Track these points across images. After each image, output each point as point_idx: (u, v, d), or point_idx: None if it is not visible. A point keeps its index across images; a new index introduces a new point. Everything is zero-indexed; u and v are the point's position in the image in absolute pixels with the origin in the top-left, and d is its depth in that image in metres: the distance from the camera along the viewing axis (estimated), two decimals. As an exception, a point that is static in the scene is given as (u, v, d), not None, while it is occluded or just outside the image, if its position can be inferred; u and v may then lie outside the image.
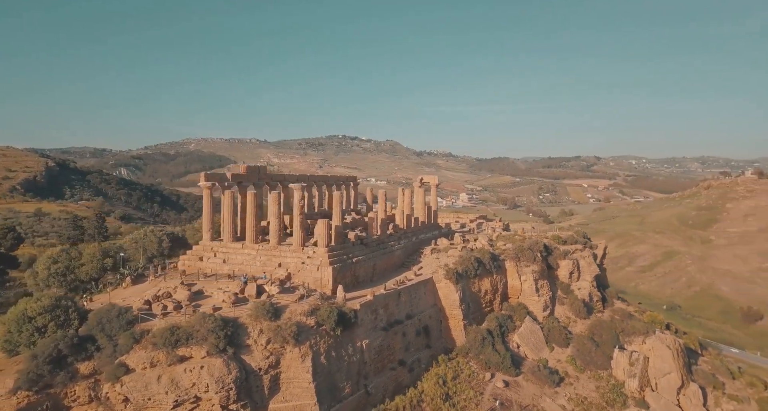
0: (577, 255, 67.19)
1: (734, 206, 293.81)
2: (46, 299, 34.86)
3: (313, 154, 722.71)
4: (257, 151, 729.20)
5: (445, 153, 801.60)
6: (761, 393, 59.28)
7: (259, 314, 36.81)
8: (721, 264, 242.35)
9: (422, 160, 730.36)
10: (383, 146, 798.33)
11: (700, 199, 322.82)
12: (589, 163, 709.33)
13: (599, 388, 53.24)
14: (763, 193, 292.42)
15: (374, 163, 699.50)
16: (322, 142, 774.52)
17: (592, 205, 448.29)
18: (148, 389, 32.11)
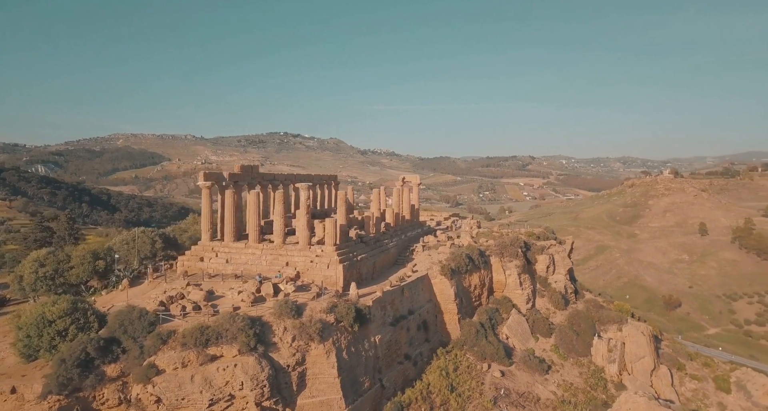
0: (552, 250, 71.75)
1: (655, 203, 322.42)
2: (64, 302, 34.11)
3: (253, 152, 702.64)
4: (193, 148, 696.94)
5: (388, 152, 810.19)
6: (716, 372, 66.78)
7: (282, 312, 37.35)
8: (644, 256, 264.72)
9: (367, 158, 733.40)
10: (327, 144, 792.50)
11: (625, 196, 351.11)
12: (524, 162, 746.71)
13: (582, 373, 57.44)
14: (679, 190, 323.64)
15: (318, 162, 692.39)
16: (263, 140, 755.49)
17: (528, 203, 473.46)
18: (181, 389, 32.03)
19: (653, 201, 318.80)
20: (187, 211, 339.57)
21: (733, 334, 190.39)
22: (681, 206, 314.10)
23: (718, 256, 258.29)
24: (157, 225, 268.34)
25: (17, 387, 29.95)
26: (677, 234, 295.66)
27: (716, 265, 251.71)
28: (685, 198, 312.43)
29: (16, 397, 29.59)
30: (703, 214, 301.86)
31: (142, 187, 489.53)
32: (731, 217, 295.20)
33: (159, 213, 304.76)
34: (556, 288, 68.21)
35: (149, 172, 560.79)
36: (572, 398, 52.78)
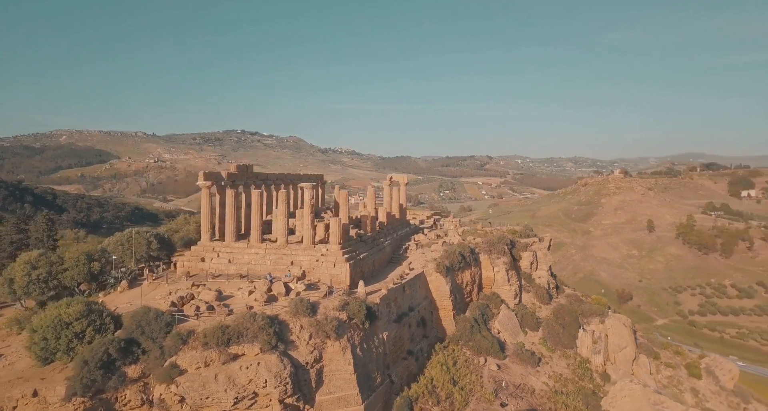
0: (535, 247, 74.67)
1: (607, 201, 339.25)
2: (79, 304, 34.00)
3: (210, 150, 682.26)
4: (144, 145, 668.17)
5: (349, 151, 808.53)
6: (686, 360, 71.85)
7: (298, 311, 37.94)
8: (598, 252, 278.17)
9: (327, 157, 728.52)
10: (286, 142, 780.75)
11: (579, 195, 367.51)
12: (482, 162, 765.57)
13: (569, 365, 60.25)
14: (628, 189, 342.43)
15: (277, 160, 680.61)
16: (219, 137, 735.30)
17: (487, 202, 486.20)
18: (205, 388, 32.20)
19: (605, 199, 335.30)
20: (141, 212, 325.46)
21: (678, 324, 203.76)
22: (630, 204, 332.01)
23: (664, 251, 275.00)
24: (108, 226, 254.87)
25: (38, 390, 29.53)
26: (628, 230, 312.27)
27: (663, 260, 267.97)
28: (634, 196, 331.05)
29: (38, 400, 29.24)
30: (650, 211, 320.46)
31: (89, 186, 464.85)
32: (675, 214, 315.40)
33: (111, 213, 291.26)
34: (540, 283, 71.17)
35: (96, 170, 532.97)
36: (563, 388, 55.36)
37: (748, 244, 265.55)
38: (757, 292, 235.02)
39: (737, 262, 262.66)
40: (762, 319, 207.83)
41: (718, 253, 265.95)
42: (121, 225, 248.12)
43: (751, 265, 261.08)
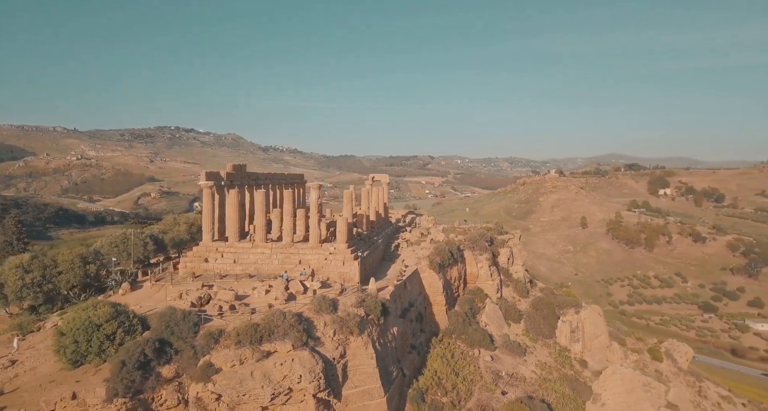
0: (510, 243, 78.57)
1: (544, 200, 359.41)
2: (106, 306, 33.80)
3: (140, 147, 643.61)
4: (65, 141, 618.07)
5: (291, 149, 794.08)
6: (648, 345, 78.75)
7: (321, 308, 38.97)
8: (538, 248, 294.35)
9: (269, 155, 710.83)
10: (225, 140, 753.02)
11: (519, 194, 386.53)
12: (424, 162, 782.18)
13: (551, 353, 64.18)
14: (563, 188, 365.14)
15: (215, 158, 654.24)
16: (151, 134, 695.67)
17: (430, 200, 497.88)
18: (242, 385, 32.61)
19: (543, 198, 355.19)
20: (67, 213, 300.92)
21: (610, 313, 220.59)
22: (565, 202, 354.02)
23: (596, 246, 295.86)
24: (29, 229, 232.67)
25: (77, 392, 29.31)
26: (563, 227, 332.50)
27: (595, 254, 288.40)
28: (569, 195, 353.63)
29: (77, 402, 29.13)
30: (583, 209, 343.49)
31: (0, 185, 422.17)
32: (604, 211, 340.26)
33: (31, 215, 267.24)
34: (518, 278, 75.05)
35: (9, 168, 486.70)
36: (549, 376, 59.03)
37: (667, 239, 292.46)
38: (675, 282, 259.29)
39: (658, 255, 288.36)
40: (680, 306, 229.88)
41: (643, 247, 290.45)
42: (44, 227, 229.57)
43: (670, 257, 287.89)
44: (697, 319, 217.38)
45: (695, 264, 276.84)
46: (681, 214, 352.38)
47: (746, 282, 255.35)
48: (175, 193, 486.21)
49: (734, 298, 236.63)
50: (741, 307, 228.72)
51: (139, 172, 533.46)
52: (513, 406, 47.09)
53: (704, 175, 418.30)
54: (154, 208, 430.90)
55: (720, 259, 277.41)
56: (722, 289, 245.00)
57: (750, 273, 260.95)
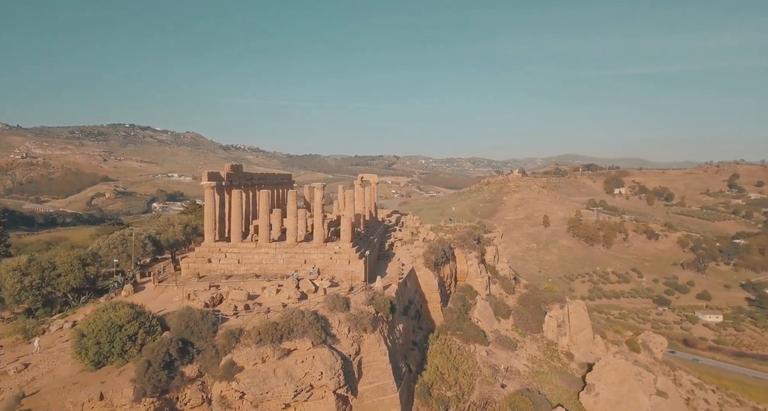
0: (496, 241, 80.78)
1: (508, 199, 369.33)
2: (125, 307, 33.63)
3: (92, 145, 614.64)
4: (8, 139, 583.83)
5: (253, 148, 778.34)
6: (626, 337, 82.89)
7: (335, 306, 39.63)
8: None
9: (230, 154, 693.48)
10: (183, 139, 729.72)
11: (483, 193, 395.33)
12: (390, 162, 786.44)
13: (540, 347, 66.54)
14: (526, 188, 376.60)
15: (174, 157, 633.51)
16: (104, 131, 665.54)
17: (397, 200, 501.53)
18: (266, 383, 32.97)
19: (507, 197, 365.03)
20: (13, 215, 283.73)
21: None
22: (528, 201, 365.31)
23: (558, 244, 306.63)
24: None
25: (104, 393, 29.33)
26: (527, 226, 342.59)
27: (557, 252, 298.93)
28: (531, 194, 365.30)
29: (104, 403, 29.16)
30: (545, 208, 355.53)
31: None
32: (565, 210, 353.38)
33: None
34: (504, 275, 77.27)
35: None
36: (540, 369, 61.31)
37: (623, 236, 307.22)
38: (632, 277, 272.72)
39: (616, 251, 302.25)
40: (637, 300, 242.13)
41: (601, 244, 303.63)
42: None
43: (627, 254, 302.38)
44: (652, 312, 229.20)
45: (649, 260, 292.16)
46: (635, 213, 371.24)
47: (695, 276, 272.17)
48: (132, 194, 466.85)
49: (685, 291, 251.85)
50: (691, 300, 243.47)
51: (92, 171, 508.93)
52: (515, 398, 48.72)
53: (655, 175, 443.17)
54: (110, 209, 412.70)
55: (671, 254, 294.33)
56: (674, 284, 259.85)
57: (698, 268, 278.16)
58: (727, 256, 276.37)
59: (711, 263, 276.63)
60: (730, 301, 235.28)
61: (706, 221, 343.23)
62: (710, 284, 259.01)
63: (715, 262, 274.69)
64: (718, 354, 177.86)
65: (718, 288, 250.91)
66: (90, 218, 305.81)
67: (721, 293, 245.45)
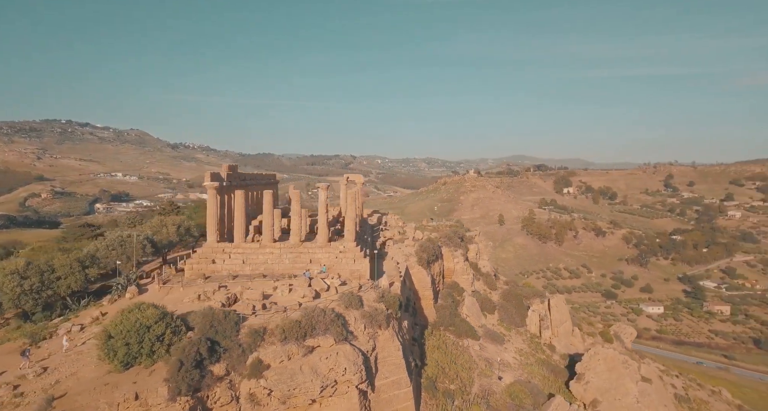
0: (477, 240, 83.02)
1: (465, 198, 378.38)
2: (150, 308, 33.60)
3: (23, 142, 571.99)
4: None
5: (203, 146, 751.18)
6: (599, 329, 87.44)
7: (351, 304, 40.78)
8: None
9: (179, 153, 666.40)
10: (127, 136, 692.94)
11: (441, 193, 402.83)
12: (346, 161, 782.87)
13: (525, 340, 69.25)
14: (482, 187, 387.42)
15: (117, 156, 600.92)
16: (37, 128, 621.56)
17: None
18: (293, 379, 33.77)
19: (463, 197, 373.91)
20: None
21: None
22: (484, 201, 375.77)
23: (513, 242, 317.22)
24: None
25: (139, 393, 29.36)
26: (483, 224, 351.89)
27: (513, 249, 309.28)
28: (487, 194, 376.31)
29: (139, 403, 29.25)
30: (500, 207, 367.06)
31: None
32: (519, 209, 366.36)
33: None
34: (486, 272, 79.66)
35: None
36: (527, 361, 63.93)
37: (574, 233, 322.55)
38: (582, 273, 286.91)
39: (567, 248, 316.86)
40: (587, 294, 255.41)
41: (554, 242, 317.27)
42: None
43: (577, 250, 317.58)
44: (601, 305, 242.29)
45: (597, 256, 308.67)
46: (583, 211, 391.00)
47: (638, 270, 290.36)
48: (71, 194, 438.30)
49: (630, 285, 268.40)
50: (635, 293, 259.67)
51: (24, 170, 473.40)
52: (513, 388, 50.69)
53: (599, 175, 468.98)
54: (47, 211, 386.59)
55: (617, 250, 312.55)
56: (620, 278, 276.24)
57: (641, 262, 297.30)
58: (666, 252, 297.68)
59: (652, 258, 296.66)
60: (670, 293, 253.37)
61: (646, 219, 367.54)
62: (652, 278, 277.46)
63: (656, 257, 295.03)
64: (660, 343, 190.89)
65: (658, 281, 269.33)
66: (26, 220, 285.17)
67: (662, 286, 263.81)
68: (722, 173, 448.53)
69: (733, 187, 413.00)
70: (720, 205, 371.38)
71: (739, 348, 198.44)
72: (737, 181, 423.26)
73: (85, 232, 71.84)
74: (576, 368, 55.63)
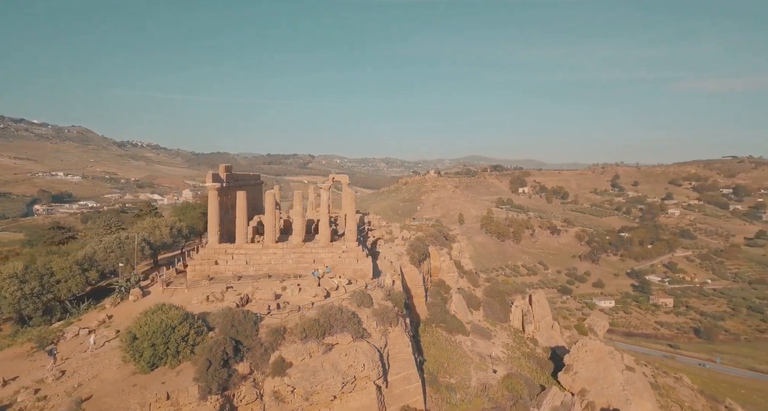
0: (458, 239, 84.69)
1: (426, 198, 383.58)
2: (173, 309, 33.85)
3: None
4: None
5: (153, 145, 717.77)
6: (574, 323, 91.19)
7: (363, 302, 42.03)
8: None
9: (126, 151, 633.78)
10: (69, 133, 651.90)
11: (402, 193, 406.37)
12: (305, 160, 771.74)
13: (509, 335, 71.52)
14: (442, 187, 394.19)
15: (58, 154, 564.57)
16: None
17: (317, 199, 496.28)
18: (316, 376, 34.75)
19: (425, 196, 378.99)
20: None
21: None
22: (444, 200, 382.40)
23: (473, 240, 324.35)
24: None
25: (170, 393, 29.56)
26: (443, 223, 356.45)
27: (472, 248, 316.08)
28: (447, 194, 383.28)
29: (170, 402, 29.49)
30: (459, 206, 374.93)
31: None
32: (477, 208, 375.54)
33: None
34: (468, 269, 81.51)
35: None
36: (514, 354, 66.17)
37: (530, 232, 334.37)
38: (539, 270, 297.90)
39: (524, 246, 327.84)
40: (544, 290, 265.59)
41: (512, 240, 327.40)
42: None
43: (534, 248, 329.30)
44: (558, 300, 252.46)
45: (553, 253, 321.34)
46: (537, 210, 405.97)
47: (591, 267, 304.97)
48: (6, 195, 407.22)
49: (583, 281, 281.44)
50: (588, 289, 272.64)
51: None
52: (509, 380, 52.49)
53: (552, 176, 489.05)
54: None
55: (571, 248, 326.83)
56: (574, 274, 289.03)
57: (593, 259, 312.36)
58: (615, 248, 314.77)
59: (602, 254, 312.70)
60: (619, 287, 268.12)
61: (596, 217, 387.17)
62: (603, 273, 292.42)
63: (606, 254, 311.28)
64: (613, 335, 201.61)
65: (609, 276, 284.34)
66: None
67: (612, 281, 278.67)
68: (662, 174, 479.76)
69: (672, 186, 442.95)
70: (661, 204, 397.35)
71: (682, 337, 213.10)
72: (675, 181, 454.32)
73: (55, 235, 67.36)
74: (564, 360, 58.22)
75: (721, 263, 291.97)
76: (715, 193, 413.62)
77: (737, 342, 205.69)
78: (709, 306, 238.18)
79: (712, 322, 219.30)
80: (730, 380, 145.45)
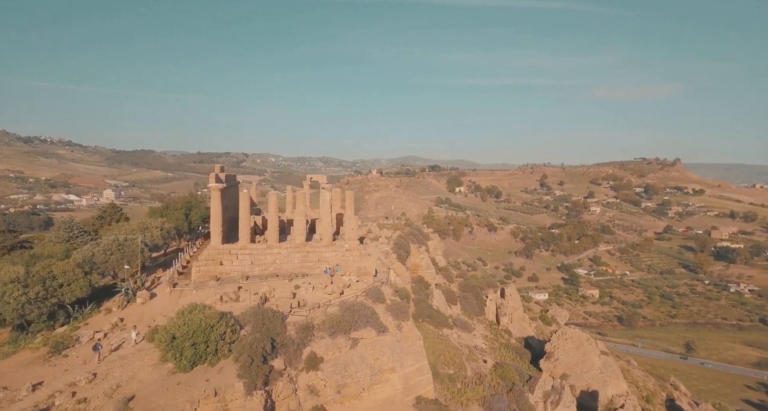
0: (432, 236, 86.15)
1: (369, 197, 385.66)
2: (208, 308, 34.41)
3: None
4: None
5: (65, 141, 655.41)
6: (539, 314, 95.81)
7: (377, 298, 43.66)
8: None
9: (34, 148, 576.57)
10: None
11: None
12: (239, 159, 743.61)
13: (486, 327, 74.49)
14: (384, 187, 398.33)
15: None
16: None
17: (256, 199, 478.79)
18: (347, 370, 36.34)
19: (368, 196, 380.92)
20: None
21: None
22: (387, 199, 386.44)
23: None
24: None
25: (217, 390, 30.14)
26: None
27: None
28: (389, 193, 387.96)
29: (218, 399, 30.17)
30: (401, 205, 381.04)
31: None
32: (418, 207, 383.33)
33: None
34: (443, 266, 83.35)
35: None
36: (493, 345, 68.91)
37: (469, 229, 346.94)
38: (479, 266, 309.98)
39: (464, 243, 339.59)
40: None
41: (452, 237, 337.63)
42: None
43: (473, 245, 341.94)
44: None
45: (491, 249, 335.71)
46: (474, 208, 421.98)
47: (525, 262, 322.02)
48: None
49: (519, 275, 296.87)
50: (524, 282, 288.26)
51: None
52: (501, 369, 55.04)
53: (486, 175, 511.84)
54: None
55: (507, 244, 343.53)
56: (511, 269, 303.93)
57: (527, 254, 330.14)
58: (546, 244, 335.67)
59: (536, 250, 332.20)
60: (552, 280, 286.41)
61: (527, 215, 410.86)
62: (536, 268, 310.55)
63: (539, 249, 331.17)
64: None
65: (542, 271, 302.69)
66: None
67: (545, 275, 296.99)
68: (584, 174, 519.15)
69: (593, 186, 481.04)
70: (584, 202, 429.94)
71: (607, 325, 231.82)
72: (596, 181, 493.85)
73: (6, 239, 59.66)
74: (546, 348, 61.68)
75: (637, 256, 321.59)
76: (629, 191, 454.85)
77: (653, 327, 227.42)
78: (629, 295, 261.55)
79: (632, 310, 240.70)
80: (652, 362, 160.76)
